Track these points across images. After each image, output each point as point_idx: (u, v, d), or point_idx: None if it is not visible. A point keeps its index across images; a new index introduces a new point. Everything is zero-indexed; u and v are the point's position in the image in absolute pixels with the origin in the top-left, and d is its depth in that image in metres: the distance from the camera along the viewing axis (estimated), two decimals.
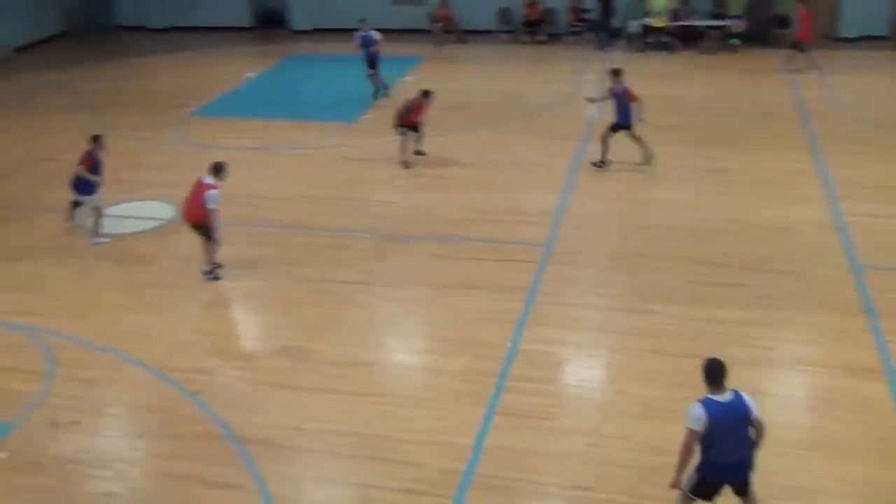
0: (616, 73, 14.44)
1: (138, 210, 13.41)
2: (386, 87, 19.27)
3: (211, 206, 11.02)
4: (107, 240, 12.74)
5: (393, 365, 9.86)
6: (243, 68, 22.31)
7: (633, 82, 14.53)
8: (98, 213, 12.69)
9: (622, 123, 14.39)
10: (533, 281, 11.20)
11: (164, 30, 26.94)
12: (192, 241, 12.00)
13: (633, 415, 8.61)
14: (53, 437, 8.61)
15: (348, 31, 23.17)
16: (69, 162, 13.03)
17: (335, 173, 15.13)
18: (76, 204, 12.75)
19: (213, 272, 11.59)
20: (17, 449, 8.45)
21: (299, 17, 26.03)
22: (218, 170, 11.28)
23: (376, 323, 10.61)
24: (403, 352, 10.17)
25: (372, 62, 19.01)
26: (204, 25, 26.49)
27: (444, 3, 24.37)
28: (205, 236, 11.39)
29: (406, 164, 15.04)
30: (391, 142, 15.31)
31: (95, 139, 12.68)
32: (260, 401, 9.08)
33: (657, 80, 19.75)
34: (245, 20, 26.64)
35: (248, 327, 10.81)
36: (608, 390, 9.21)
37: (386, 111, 15.59)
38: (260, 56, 23.98)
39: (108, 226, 12.90)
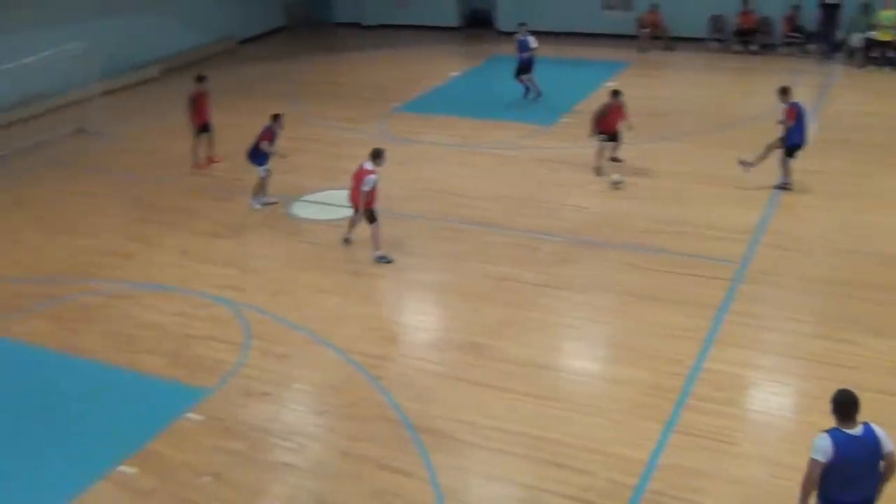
0: (784, 91, 13.66)
1: (340, 198, 13.97)
2: (539, 93, 19.39)
3: (365, 188, 11.81)
4: (259, 206, 13.99)
5: (572, 370, 9.77)
6: (448, 67, 22.81)
7: (852, 98, 13.65)
8: (265, 181, 13.94)
9: (796, 143, 13.57)
10: (724, 299, 10.78)
11: (378, 27, 27.98)
12: (388, 231, 12.42)
13: None
14: (245, 406, 9.16)
15: (554, 34, 23.23)
16: (281, 147, 13.90)
17: (531, 175, 15.17)
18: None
19: (383, 258, 12.16)
20: (213, 413, 9.05)
21: (505, 18, 26.26)
22: (377, 155, 12.06)
23: (559, 326, 10.56)
24: (584, 358, 10.07)
25: (526, 66, 19.18)
26: (415, 24, 27.29)
27: (654, 9, 23.85)
28: (366, 220, 12.11)
29: (599, 171, 14.83)
30: (588, 146, 15.17)
31: (276, 117, 13.88)
32: (438, 392, 9.26)
33: (881, 97, 18.46)
34: (454, 20, 27.20)
35: (434, 319, 11.04)
36: (795, 420, 8.72)
37: (586, 117, 15.45)
38: (465, 55, 24.44)
39: (312, 211, 13.58)
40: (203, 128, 15.81)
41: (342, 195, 13.63)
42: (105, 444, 8.69)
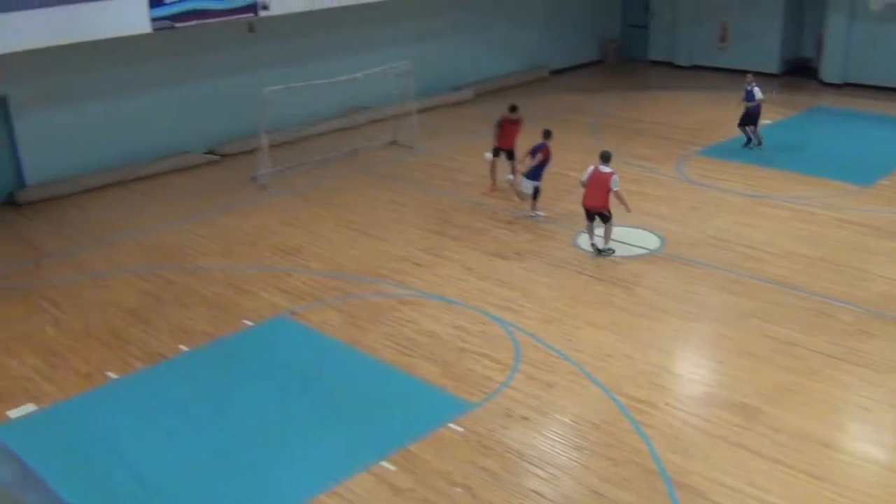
0: None
1: (627, 236, 13.84)
2: (759, 143, 18.75)
3: (615, 188, 13.01)
4: (542, 214, 14.94)
5: (855, 454, 8.91)
6: (763, 115, 21.80)
7: None
8: (537, 193, 14.90)
9: None
10: None
11: (692, 68, 27.43)
12: (670, 276, 12.13)
13: None
14: (504, 426, 9.31)
15: (883, 89, 21.54)
16: (576, 179, 14.06)
17: (834, 236, 14.11)
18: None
19: (609, 250, 13.34)
20: (473, 428, 9.29)
21: (831, 68, 24.70)
22: (607, 158, 13.28)
23: (847, 405, 9.69)
24: (870, 443, 9.13)
25: (749, 118, 18.63)
26: (729, 67, 26.42)
27: None
28: (603, 220, 13.24)
29: None
30: None
31: (547, 134, 14.84)
32: (701, 450, 8.85)
33: None
34: (775, 67, 25.98)
35: (707, 373, 10.57)
36: None
37: None
38: (782, 104, 23.24)
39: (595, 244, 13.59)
40: (507, 154, 16.33)
41: (629, 233, 13.52)
42: (371, 437, 9.21)
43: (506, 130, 16.19)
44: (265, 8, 17.88)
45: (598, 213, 13.29)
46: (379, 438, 9.16)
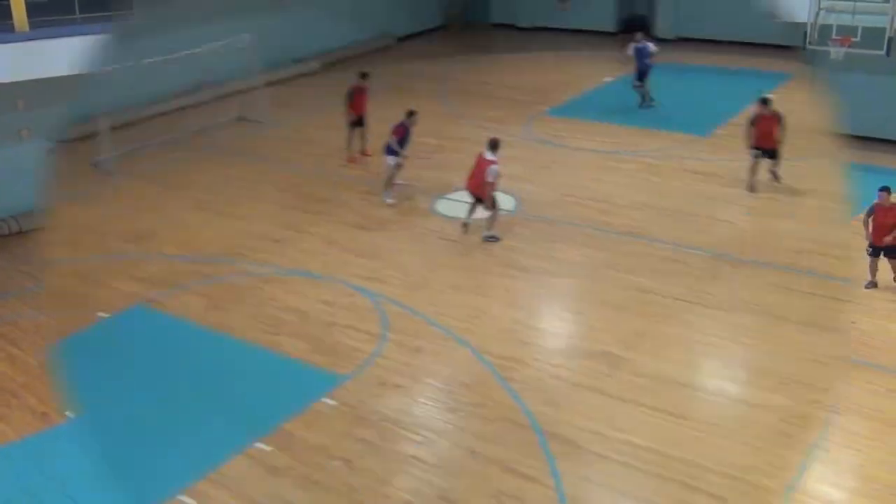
0: None
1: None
2: (653, 100, 19.02)
3: (490, 179, 12.45)
4: (390, 200, 14.30)
5: (708, 390, 9.46)
6: (602, 72, 22.49)
7: None
8: (393, 173, 14.40)
9: None
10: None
11: (533, 29, 27.95)
12: (528, 234, 12.41)
13: None
14: (378, 395, 9.35)
15: (713, 42, 22.59)
16: (429, 145, 14.09)
17: (680, 186, 14.80)
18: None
19: (492, 237, 12.79)
20: (347, 400, 9.28)
21: (663, 24, 25.71)
22: (495, 146, 12.74)
23: (698, 344, 10.25)
24: (722, 378, 9.72)
25: (642, 74, 18.91)
26: (570, 28, 27.09)
27: None
28: (485, 207, 12.73)
29: (752, 187, 14.28)
30: (743, 160, 14.64)
31: (410, 114, 14.37)
32: (569, 400, 9.16)
33: None
34: (611, 25, 26.83)
35: (568, 325, 10.94)
36: None
37: (742, 129, 14.92)
38: (619, 61, 24.03)
39: (454, 210, 13.69)
40: (358, 122, 16.23)
41: None
42: (243, 420, 9.06)
43: (357, 99, 16.06)
44: None
45: (478, 198, 12.87)
46: (251, 420, 9.02)
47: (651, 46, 18.76)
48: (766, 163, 14.33)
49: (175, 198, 15.17)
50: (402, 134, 14.21)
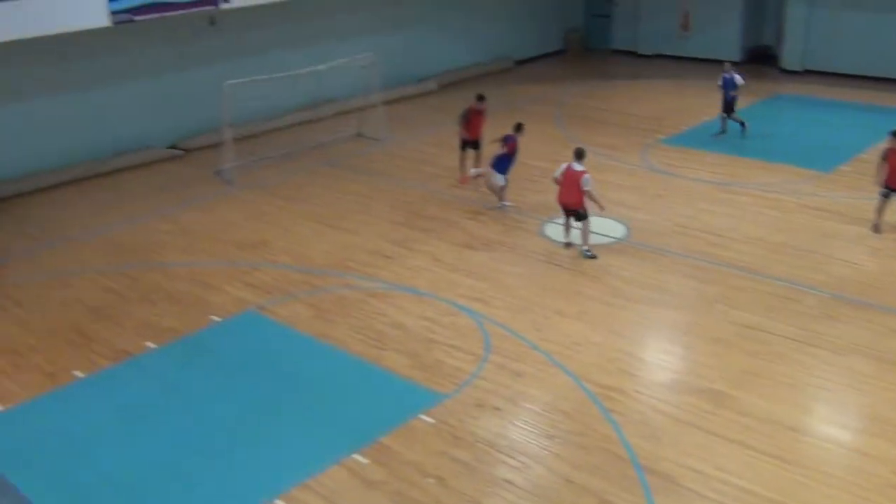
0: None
1: (594, 225, 13.91)
2: (723, 132, 18.92)
3: (587, 187, 12.73)
4: (510, 205, 14.87)
5: (818, 435, 9.07)
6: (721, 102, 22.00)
7: None
8: (503, 188, 14.84)
9: None
10: None
11: (654, 56, 27.62)
12: (637, 264, 12.24)
13: None
14: (475, 416, 9.34)
15: (842, 76, 21.83)
16: (541, 169, 14.08)
17: (797, 221, 14.32)
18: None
19: (591, 255, 13.00)
20: (443, 418, 9.31)
21: (791, 56, 24.99)
22: (581, 156, 12.94)
23: (809, 386, 9.85)
24: (833, 424, 9.30)
25: (729, 106, 18.64)
26: (692, 56, 26.64)
27: None
28: (577, 218, 13.05)
29: (878, 228, 13.69)
30: (869, 198, 14.06)
31: (518, 127, 14.83)
32: (670, 435, 8.95)
33: None
34: (736, 54, 26.20)
35: (673, 359, 10.69)
36: None
37: (870, 165, 14.35)
38: (744, 92, 23.48)
39: (561, 234, 13.62)
40: (473, 144, 16.34)
41: (596, 222, 13.58)
42: (343, 431, 9.20)
43: (473, 121, 16.18)
44: (226, 0, 17.72)
45: (572, 211, 13.16)
46: (350, 431, 9.15)
47: (738, 78, 18.36)
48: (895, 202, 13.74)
49: (290, 209, 15.61)
50: (513, 150, 14.47)
